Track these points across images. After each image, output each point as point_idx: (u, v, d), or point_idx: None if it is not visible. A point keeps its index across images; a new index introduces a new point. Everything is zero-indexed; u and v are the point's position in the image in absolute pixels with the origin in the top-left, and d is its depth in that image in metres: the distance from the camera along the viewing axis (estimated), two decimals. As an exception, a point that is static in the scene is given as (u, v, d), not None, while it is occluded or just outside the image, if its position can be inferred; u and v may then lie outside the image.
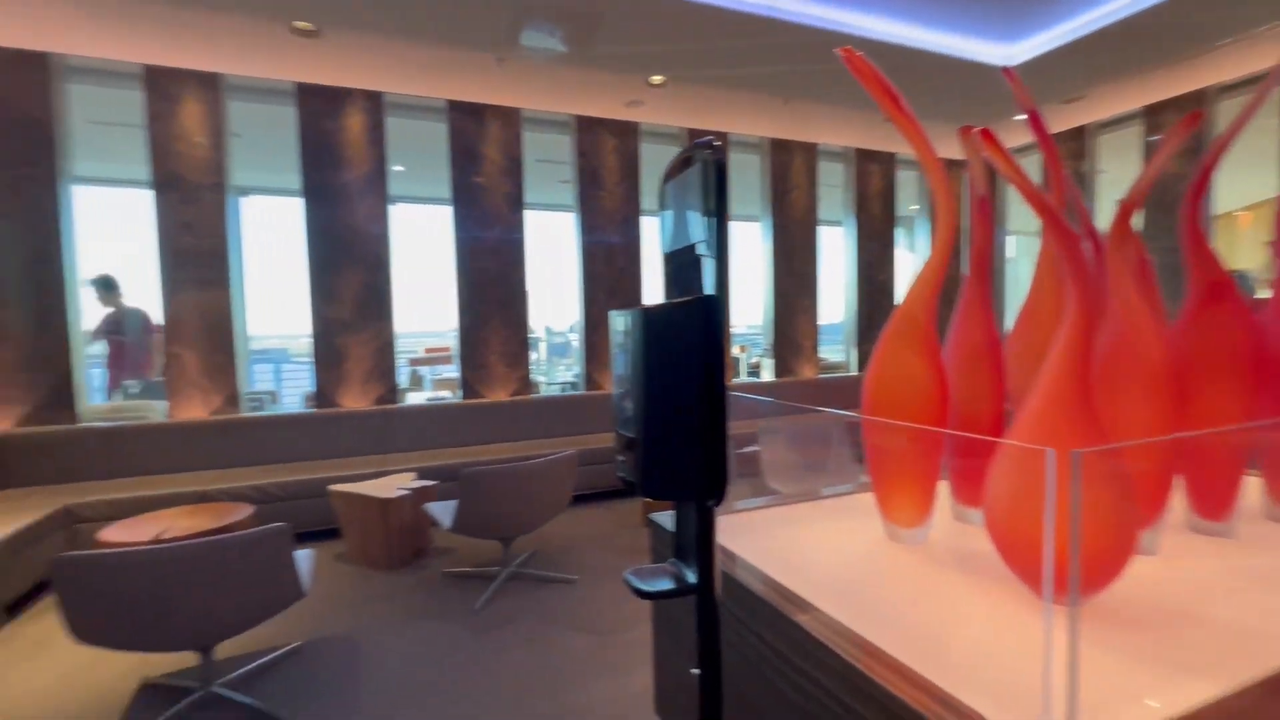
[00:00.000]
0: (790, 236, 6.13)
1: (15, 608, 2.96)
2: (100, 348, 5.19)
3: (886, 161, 6.51)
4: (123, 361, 5.44)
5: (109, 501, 3.47)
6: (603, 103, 4.99)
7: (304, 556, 2.30)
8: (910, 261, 7.46)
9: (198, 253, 4.23)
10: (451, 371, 7.84)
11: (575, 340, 8.52)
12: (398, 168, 4.97)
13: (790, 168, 6.09)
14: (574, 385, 8.07)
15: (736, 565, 1.19)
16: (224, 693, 2.19)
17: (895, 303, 6.68)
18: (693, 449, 0.77)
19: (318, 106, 4.46)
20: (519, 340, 5.15)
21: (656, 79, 4.48)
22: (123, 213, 5.41)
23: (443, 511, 3.10)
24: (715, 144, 0.79)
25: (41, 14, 3.43)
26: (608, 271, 5.41)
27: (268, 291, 5.04)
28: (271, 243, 5.29)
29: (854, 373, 6.50)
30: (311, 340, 4.57)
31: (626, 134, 5.40)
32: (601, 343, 5.40)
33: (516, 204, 5.07)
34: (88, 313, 4.44)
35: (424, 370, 7.38)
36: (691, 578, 0.88)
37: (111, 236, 5.26)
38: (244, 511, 3.18)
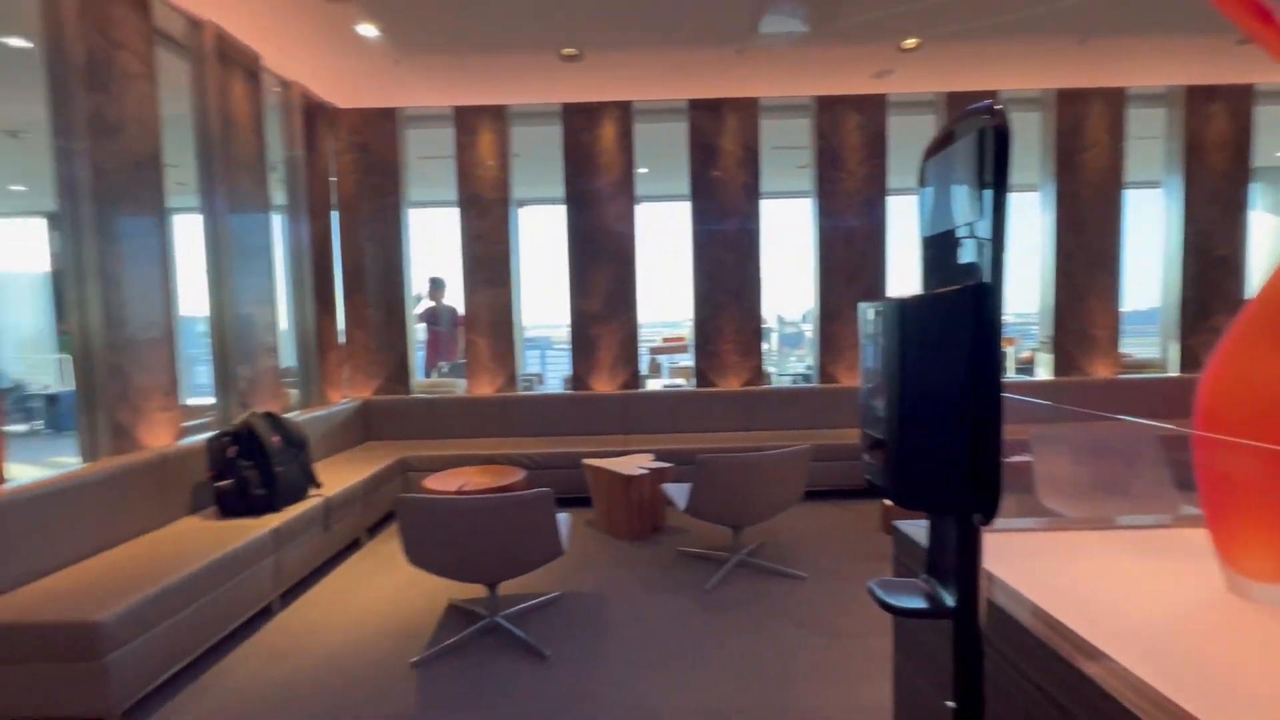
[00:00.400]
0: (1082, 205, 5.06)
1: (373, 530, 3.96)
2: (421, 334, 6.63)
3: (1238, 98, 4.95)
4: (437, 347, 6.86)
5: (428, 456, 4.41)
6: (846, 79, 4.70)
7: (563, 520, 2.64)
8: (1275, 228, 5.58)
9: (488, 257, 5.11)
10: (687, 360, 8.22)
11: (809, 330, 8.21)
12: (642, 170, 5.34)
13: (1085, 121, 5.01)
14: (806, 377, 7.82)
15: (995, 589, 1.04)
16: (504, 623, 2.64)
17: (1244, 283, 5.08)
18: (958, 456, 0.69)
19: (578, 122, 5.02)
20: (752, 330, 5.16)
21: (909, 43, 4.06)
22: (438, 228, 6.80)
23: (678, 493, 3.27)
24: (996, 108, 0.69)
25: (394, 79, 4.47)
26: (847, 257, 5.10)
27: (536, 288, 5.88)
28: (539, 245, 6.14)
29: (1174, 373, 5.12)
30: (569, 329, 5.19)
31: (872, 108, 5.00)
32: (839, 333, 5.14)
33: (752, 194, 5.07)
34: (413, 309, 5.66)
35: (662, 358, 7.86)
36: (948, 600, 0.79)
37: (431, 248, 6.66)
38: (519, 475, 3.77)
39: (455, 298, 6.90)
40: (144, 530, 2.74)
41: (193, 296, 4.08)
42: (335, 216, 5.07)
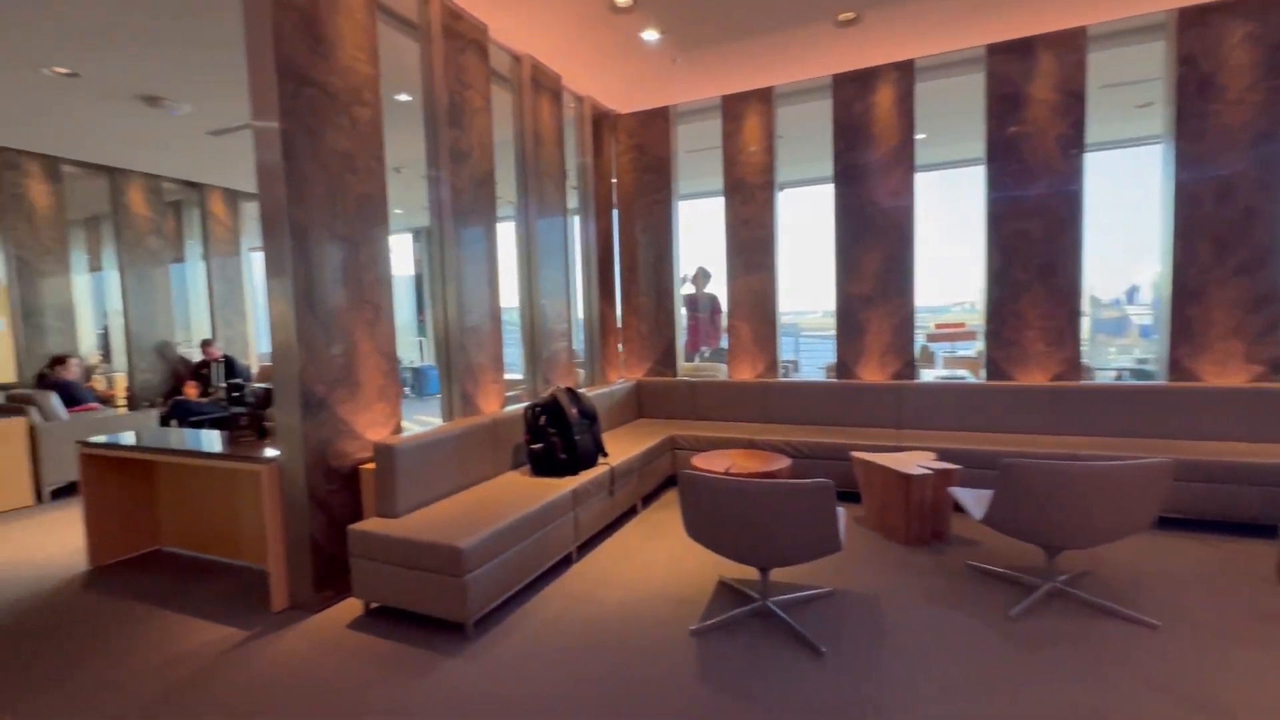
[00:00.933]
0: None
1: (646, 500, 4.31)
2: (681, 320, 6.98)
3: None
4: (697, 333, 7.17)
5: (693, 436, 4.62)
6: (1231, -24, 3.52)
7: (840, 514, 2.51)
8: None
9: (751, 242, 5.12)
10: (965, 349, 7.20)
11: (1136, 314, 6.64)
12: (919, 136, 4.77)
13: None
14: (1136, 372, 6.28)
15: None
16: (774, 609, 2.63)
17: None
18: None
19: (850, 93, 4.69)
20: (1065, 314, 4.26)
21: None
22: (697, 219, 7.06)
23: (971, 499, 2.87)
24: None
25: (669, 79, 4.74)
26: (1221, 216, 3.87)
27: (789, 274, 5.70)
28: (795, 229, 5.94)
29: None
30: (835, 314, 4.92)
31: (1274, 9, 3.68)
32: (1205, 317, 3.94)
33: (1071, 147, 4.15)
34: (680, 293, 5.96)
35: (935, 346, 7.02)
36: None
37: (692, 238, 6.94)
38: (784, 462, 3.72)
39: (716, 286, 7.12)
40: (482, 479, 3.40)
41: (507, 290, 4.90)
42: (614, 214, 5.61)
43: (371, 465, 2.95)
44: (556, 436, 3.48)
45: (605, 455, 3.77)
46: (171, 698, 2.20)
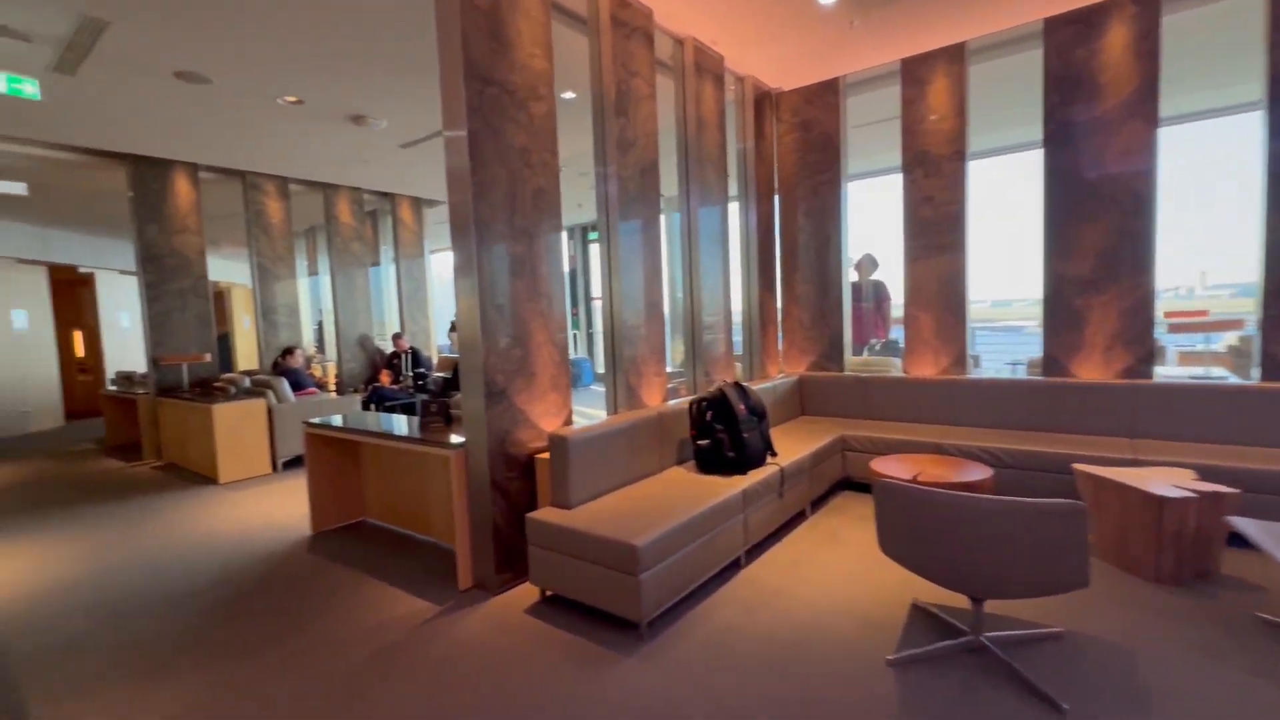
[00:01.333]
0: None
1: (815, 504, 4.00)
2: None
3: None
4: (860, 324, 6.62)
5: (865, 437, 4.21)
6: None
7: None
8: None
9: (936, 221, 4.54)
10: (1208, 342, 5.88)
11: None
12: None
13: None
14: None
15: None
16: (991, 647, 2.24)
17: None
18: None
19: (1066, 38, 3.96)
20: (1393, 296, 3.24)
21: None
22: (868, 198, 6.49)
23: (1266, 534, 2.23)
24: None
25: (840, 48, 4.34)
26: None
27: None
28: (981, 205, 5.18)
29: None
30: (1042, 301, 4.21)
31: None
32: None
33: None
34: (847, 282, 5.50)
35: (1167, 339, 5.80)
36: None
37: (861, 220, 6.39)
38: (984, 471, 3.22)
39: (885, 273, 6.51)
40: (648, 474, 3.33)
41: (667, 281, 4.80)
42: (775, 199, 5.30)
43: (546, 455, 3.01)
44: (724, 433, 3.32)
45: (774, 454, 3.54)
46: (378, 663, 2.38)
